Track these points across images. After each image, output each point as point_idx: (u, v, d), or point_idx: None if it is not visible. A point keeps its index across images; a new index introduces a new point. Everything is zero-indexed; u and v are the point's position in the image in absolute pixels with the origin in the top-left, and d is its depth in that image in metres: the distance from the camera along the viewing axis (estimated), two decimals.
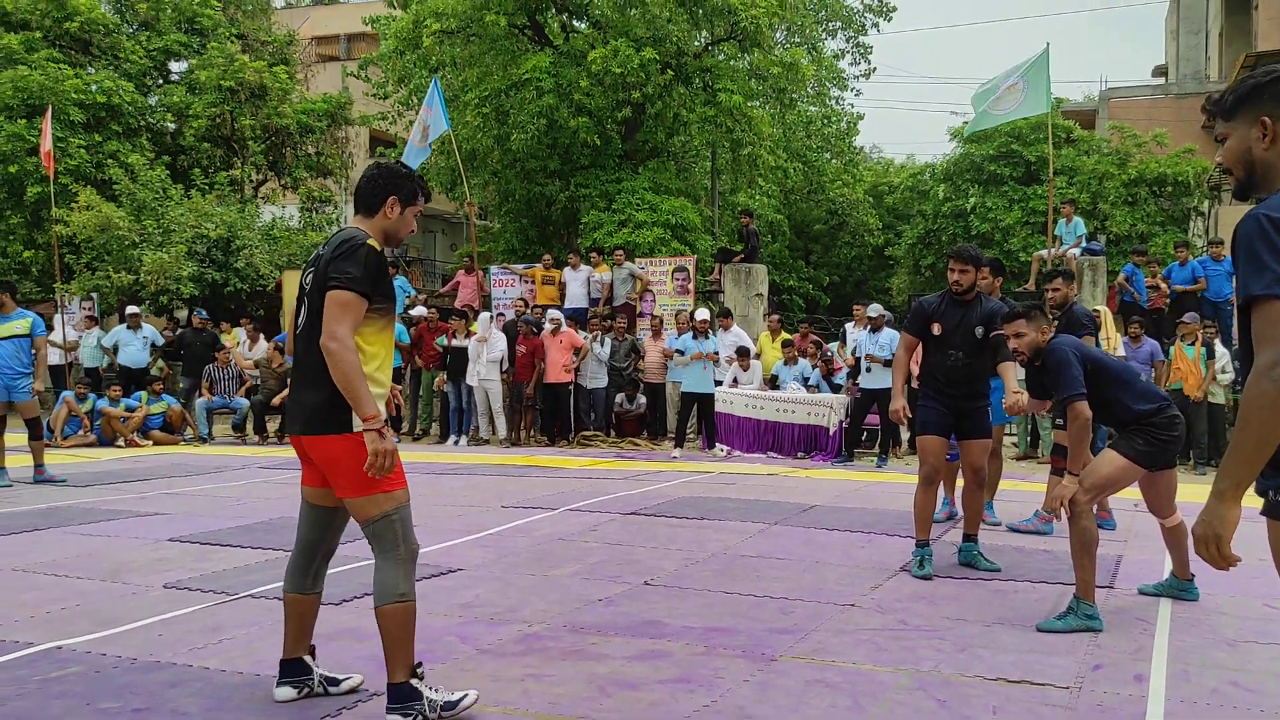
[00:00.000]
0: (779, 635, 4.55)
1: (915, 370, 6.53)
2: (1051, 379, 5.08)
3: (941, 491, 6.96)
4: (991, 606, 5.10)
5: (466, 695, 3.51)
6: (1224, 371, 12.15)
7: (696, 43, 20.14)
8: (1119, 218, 20.78)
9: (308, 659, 3.69)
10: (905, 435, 12.34)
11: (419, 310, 15.58)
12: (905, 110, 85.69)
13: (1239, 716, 3.60)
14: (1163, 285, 14.06)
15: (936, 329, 5.93)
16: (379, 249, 3.46)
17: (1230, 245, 2.40)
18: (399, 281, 17.02)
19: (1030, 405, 5.66)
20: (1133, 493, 5.77)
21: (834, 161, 29.66)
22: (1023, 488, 9.40)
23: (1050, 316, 6.08)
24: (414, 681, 3.39)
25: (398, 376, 14.61)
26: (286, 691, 3.64)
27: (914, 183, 26.19)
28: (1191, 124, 27.20)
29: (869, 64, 27.95)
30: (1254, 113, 2.44)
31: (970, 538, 6.06)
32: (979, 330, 5.88)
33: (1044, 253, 15.11)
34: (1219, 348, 12.29)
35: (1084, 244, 14.89)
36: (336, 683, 3.73)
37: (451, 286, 17.37)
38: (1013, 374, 5.90)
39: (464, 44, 19.53)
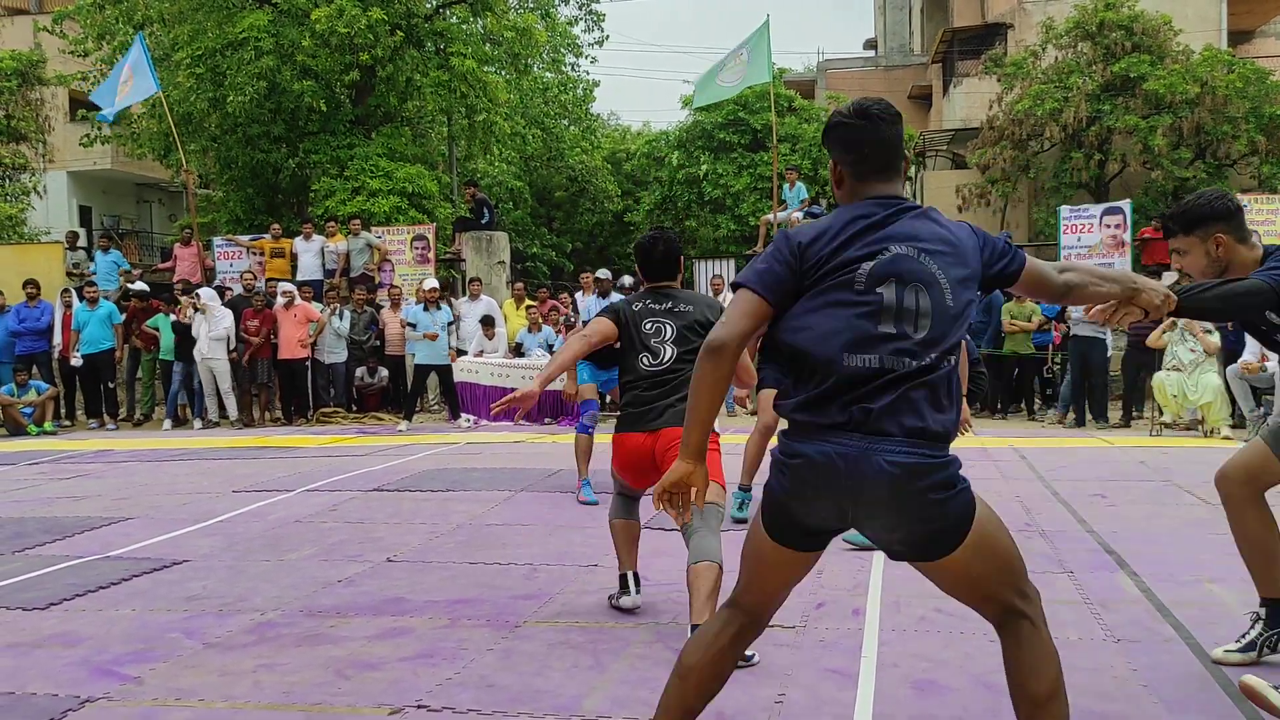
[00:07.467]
0: (523, 601, 4.57)
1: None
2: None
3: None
4: (725, 554, 5.32)
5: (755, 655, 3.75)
6: None
7: (428, 4, 19.60)
8: None
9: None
10: None
11: (139, 286, 14.45)
12: (639, 78, 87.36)
13: (942, 639, 3.94)
14: None
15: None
16: None
17: None
18: (112, 256, 15.72)
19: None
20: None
21: (572, 128, 29.74)
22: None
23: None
24: None
25: (110, 359, 13.59)
26: (637, 599, 4.35)
27: (650, 150, 26.64)
28: (899, 94, 29.32)
29: (602, 31, 28.12)
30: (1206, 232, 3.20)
31: (745, 488, 6.19)
32: None
33: (770, 216, 15.84)
34: None
35: (807, 208, 15.72)
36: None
37: (173, 262, 16.25)
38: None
39: None
